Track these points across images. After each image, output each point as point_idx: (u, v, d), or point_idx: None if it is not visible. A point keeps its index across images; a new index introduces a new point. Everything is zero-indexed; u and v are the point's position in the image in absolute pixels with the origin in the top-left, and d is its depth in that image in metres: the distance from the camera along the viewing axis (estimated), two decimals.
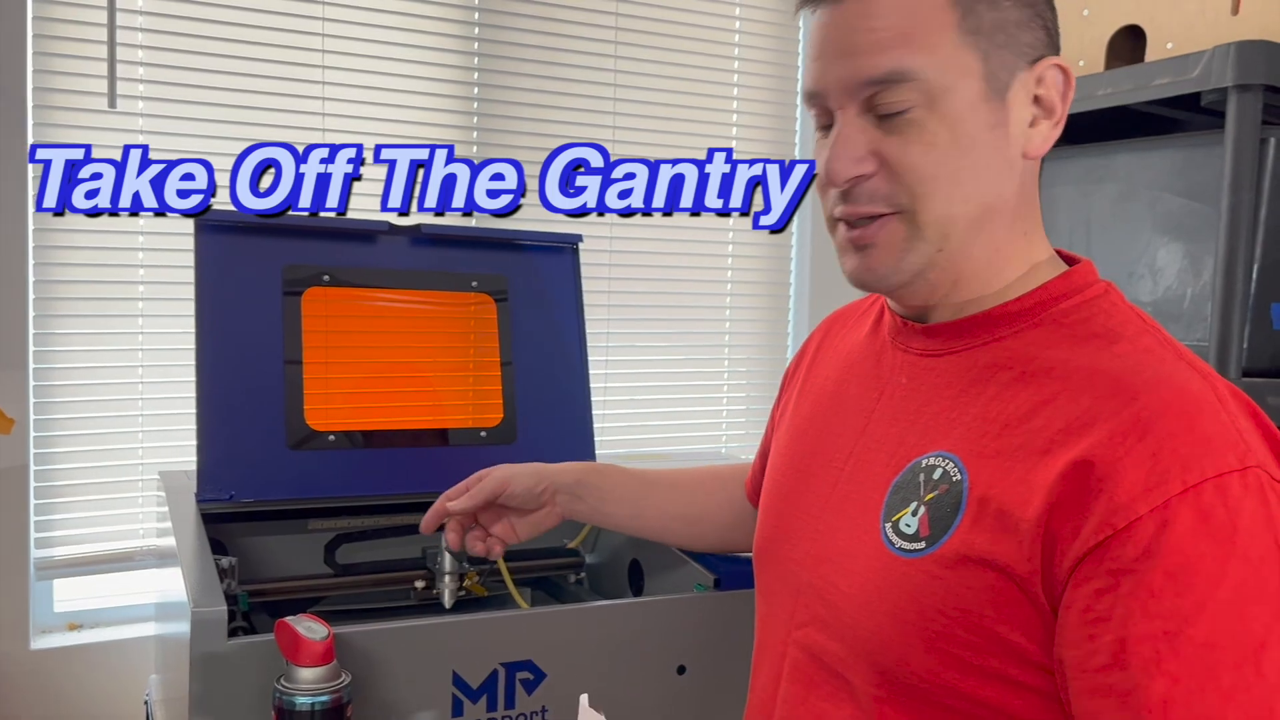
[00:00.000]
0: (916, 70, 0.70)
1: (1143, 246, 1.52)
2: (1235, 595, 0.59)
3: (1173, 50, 1.48)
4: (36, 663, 1.73)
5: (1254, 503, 0.60)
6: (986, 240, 0.74)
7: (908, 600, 0.69)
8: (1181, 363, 0.67)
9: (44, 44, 1.71)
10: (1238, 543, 0.59)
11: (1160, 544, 0.60)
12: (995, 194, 0.73)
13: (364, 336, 1.44)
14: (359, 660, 0.98)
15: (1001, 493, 0.66)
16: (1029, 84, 0.73)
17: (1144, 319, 0.72)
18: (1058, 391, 0.68)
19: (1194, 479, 0.60)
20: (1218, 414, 0.63)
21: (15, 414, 1.69)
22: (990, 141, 0.72)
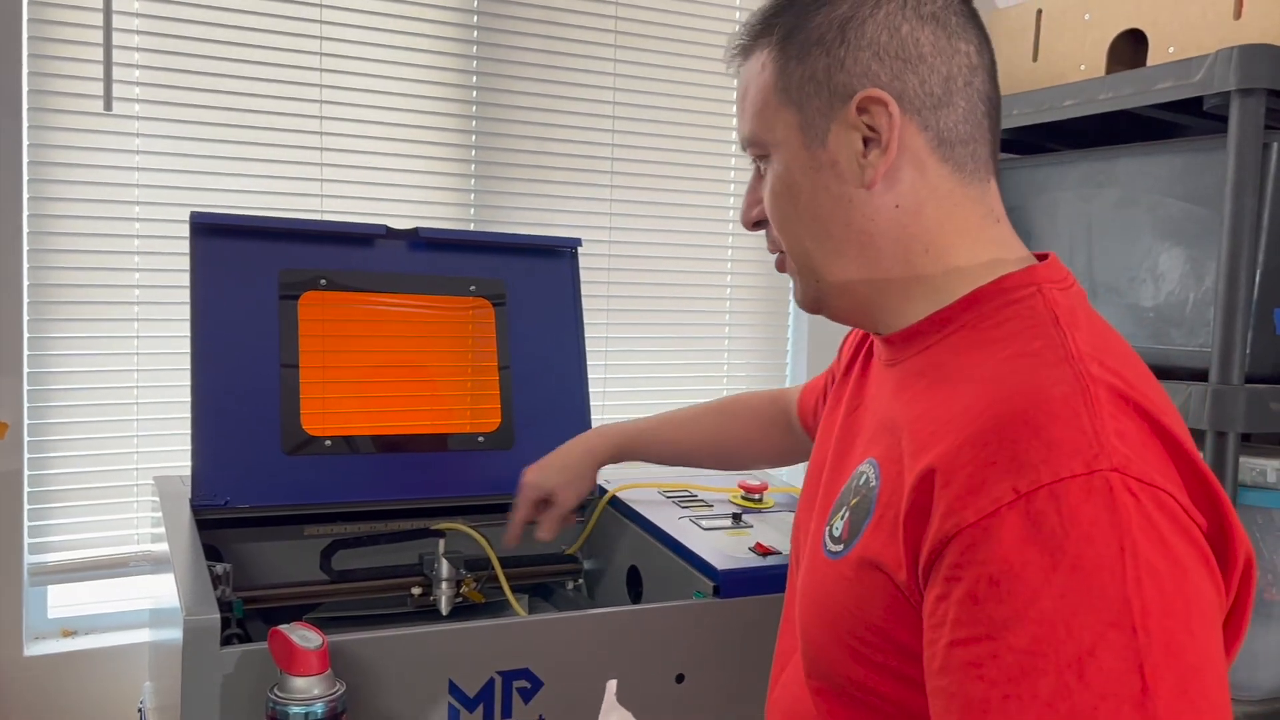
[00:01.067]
0: (755, 134, 0.82)
1: (1144, 252, 1.51)
2: (1060, 603, 0.58)
3: (1174, 54, 1.47)
4: (30, 669, 1.72)
5: (1095, 509, 0.59)
6: (869, 265, 0.79)
7: (827, 599, 0.75)
8: (1064, 367, 0.66)
9: (39, 46, 1.70)
10: (1068, 550, 0.59)
11: (986, 551, 0.60)
12: (841, 228, 0.78)
13: (361, 341, 1.43)
14: (354, 668, 0.97)
15: (894, 498, 0.69)
16: (851, 121, 0.76)
17: (1057, 321, 0.71)
18: (946, 398, 0.71)
19: (1026, 486, 0.60)
20: (1075, 418, 0.62)
21: (9, 418, 1.68)
22: (818, 182, 0.78)
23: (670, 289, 2.27)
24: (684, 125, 2.25)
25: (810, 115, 0.77)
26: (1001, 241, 0.79)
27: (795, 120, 0.78)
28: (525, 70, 2.08)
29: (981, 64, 0.77)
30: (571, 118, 2.13)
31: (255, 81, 1.85)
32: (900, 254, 0.78)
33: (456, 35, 2.02)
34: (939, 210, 0.77)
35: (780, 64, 0.79)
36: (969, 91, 0.76)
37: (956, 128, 0.76)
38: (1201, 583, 0.61)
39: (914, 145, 0.76)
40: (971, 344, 0.74)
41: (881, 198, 0.77)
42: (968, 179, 0.77)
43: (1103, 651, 0.57)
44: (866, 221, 0.77)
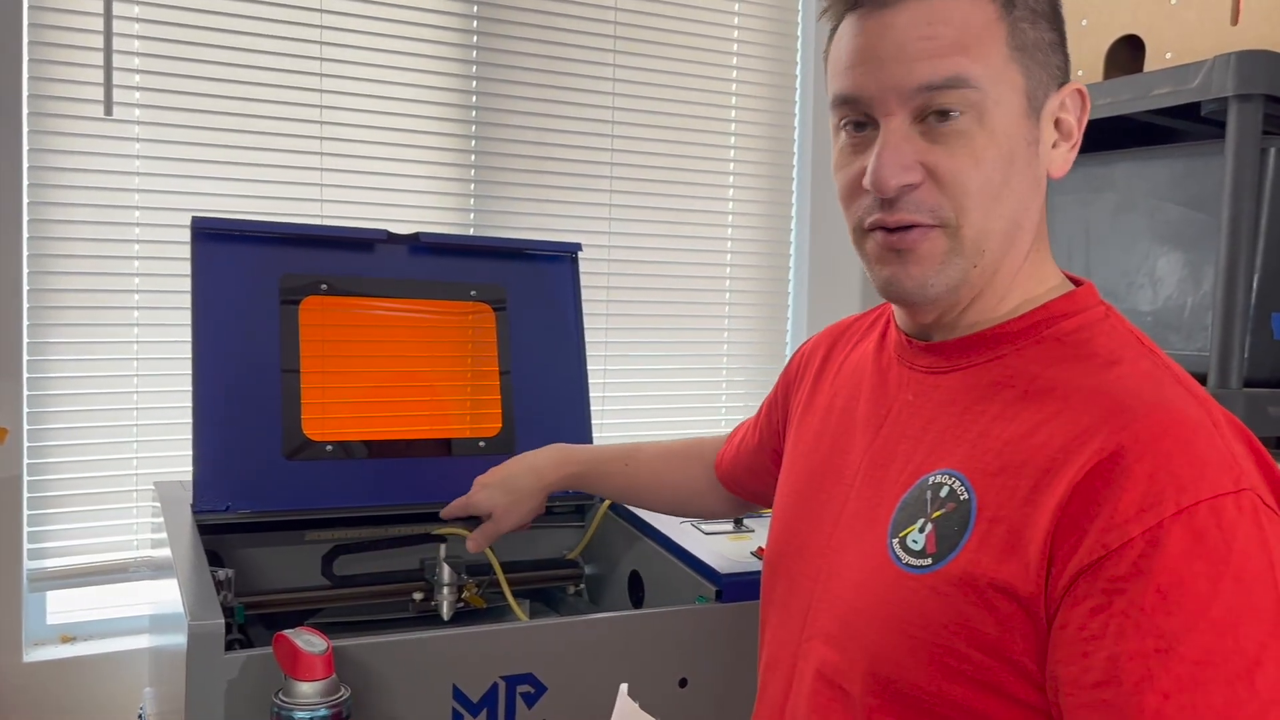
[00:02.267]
0: (974, 78, 0.70)
1: (1142, 256, 1.52)
2: (1228, 614, 0.60)
3: (1172, 60, 1.48)
4: (29, 675, 1.72)
5: (1248, 525, 0.61)
6: (1013, 258, 0.76)
7: (914, 614, 0.71)
8: (1179, 387, 0.69)
9: (40, 51, 1.70)
10: (1231, 563, 0.60)
11: (1153, 563, 0.61)
12: (1025, 212, 0.75)
13: (362, 346, 1.43)
14: (358, 673, 0.97)
15: (1011, 513, 0.68)
16: (1055, 106, 0.75)
17: (1143, 342, 0.73)
18: (1059, 410, 0.69)
19: (1188, 500, 0.62)
20: (1213, 438, 0.65)
21: (9, 424, 1.68)
22: (1026, 158, 0.73)
23: (669, 293, 2.27)
24: (683, 130, 2.25)
25: (1034, 85, 0.73)
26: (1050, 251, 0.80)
27: (1022, 84, 0.72)
28: (525, 76, 2.08)
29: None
30: (571, 123, 2.13)
31: (256, 86, 1.85)
32: (1032, 253, 0.78)
33: (456, 40, 2.02)
34: (1042, 216, 0.79)
35: (1010, 20, 0.72)
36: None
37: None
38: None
39: None
40: (1062, 359, 0.73)
41: (1045, 191, 0.77)
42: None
43: (1268, 661, 0.59)
44: (1035, 212, 0.77)
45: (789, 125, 2.39)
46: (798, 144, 2.40)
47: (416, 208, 2.00)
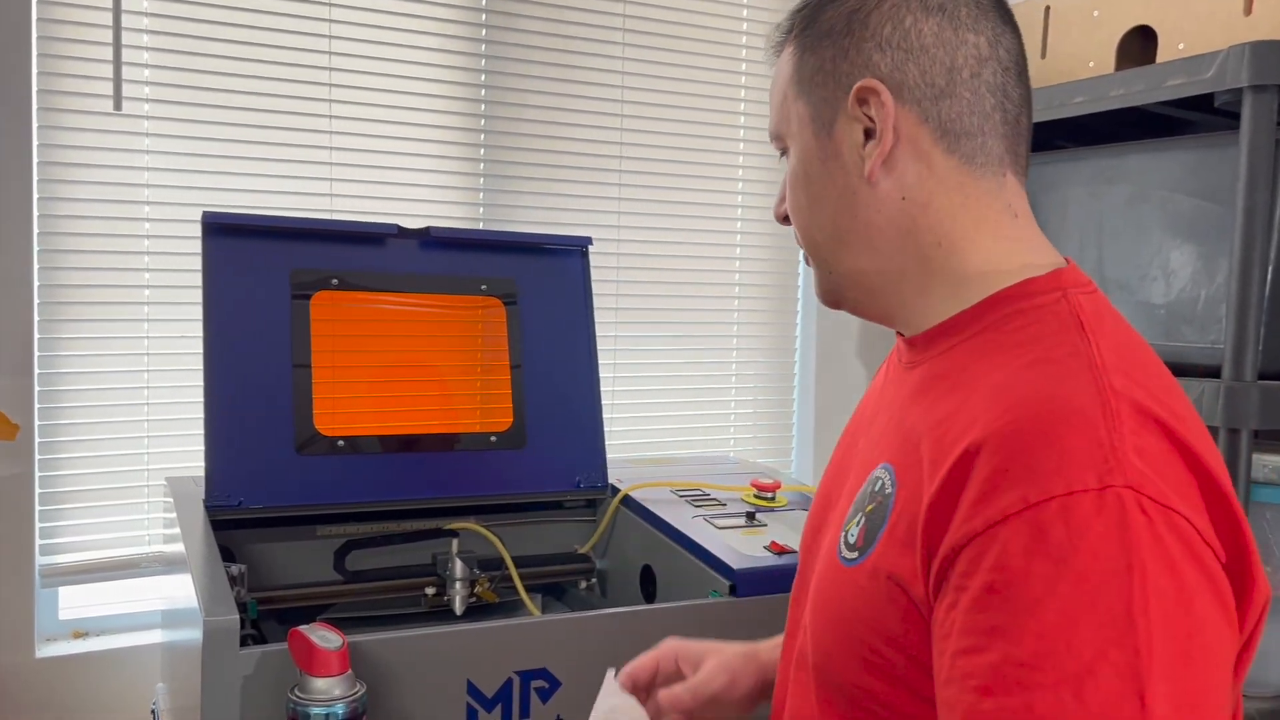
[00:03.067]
0: (778, 127, 0.82)
1: (1155, 249, 1.51)
2: (1062, 617, 0.57)
3: (1184, 51, 1.47)
4: (42, 671, 1.72)
5: (1105, 525, 0.58)
6: (879, 258, 0.78)
7: (843, 607, 0.73)
8: (1085, 376, 0.65)
9: (49, 45, 1.70)
10: (1074, 564, 0.57)
11: (992, 561, 0.59)
12: (848, 219, 0.78)
13: (373, 340, 1.43)
14: (372, 669, 0.97)
15: (910, 507, 0.68)
16: (852, 111, 0.76)
17: (1084, 328, 0.69)
18: (963, 402, 0.69)
19: (1037, 496, 0.59)
20: (1092, 431, 0.61)
21: (20, 420, 1.68)
22: (825, 174, 0.78)
23: (679, 287, 2.27)
24: (693, 124, 2.24)
25: (818, 106, 0.78)
26: (1025, 240, 0.77)
27: (807, 112, 0.79)
28: (534, 69, 2.08)
29: (993, 55, 0.75)
30: (581, 116, 2.13)
31: (265, 81, 1.85)
32: (911, 247, 0.77)
33: (466, 34, 2.01)
34: (949, 202, 0.75)
35: (797, 57, 0.80)
36: (975, 83, 0.75)
37: (961, 119, 0.75)
38: (1209, 612, 0.59)
39: (916, 136, 0.75)
40: (994, 348, 0.72)
41: (886, 189, 0.76)
42: (979, 172, 0.76)
43: (1103, 670, 0.55)
44: (872, 213, 0.77)
45: None
46: None
47: (427, 202, 1.99)
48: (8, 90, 1.64)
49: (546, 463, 1.47)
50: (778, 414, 2.42)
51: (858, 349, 2.40)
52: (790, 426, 2.44)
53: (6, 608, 1.69)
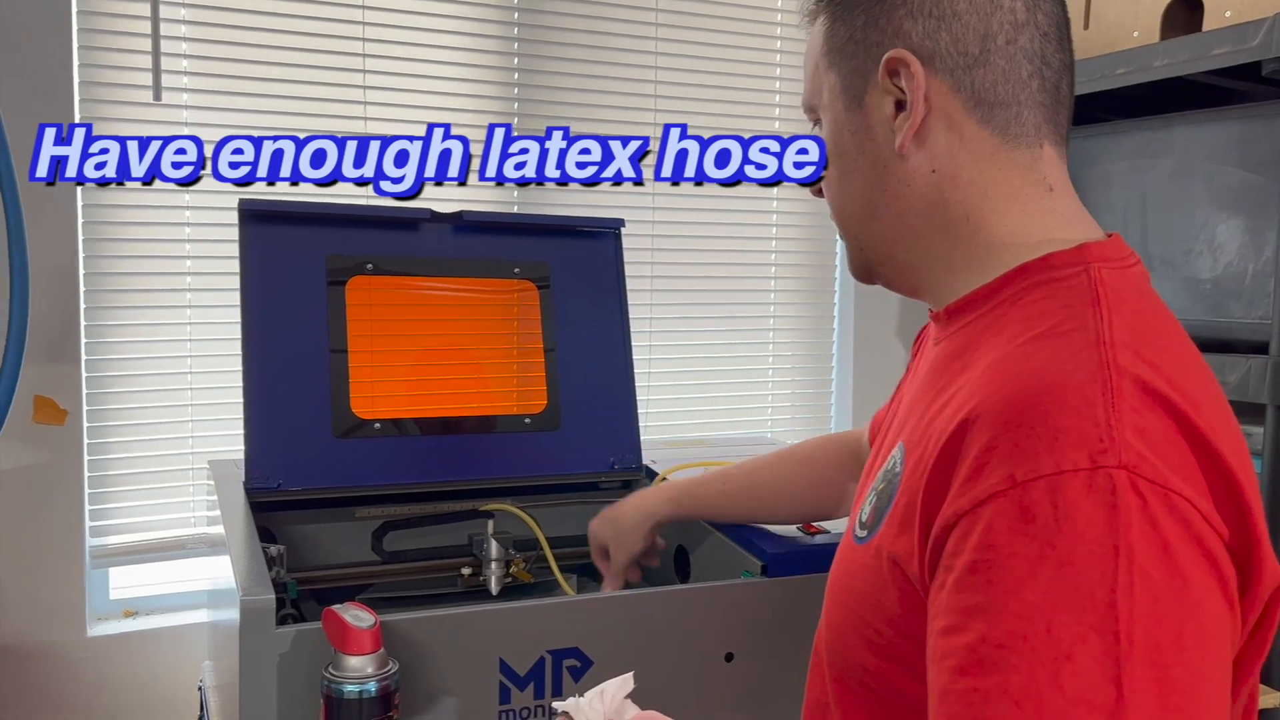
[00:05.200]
0: (810, 98, 0.82)
1: (1201, 223, 1.48)
2: (1043, 599, 0.55)
3: (1231, 19, 1.43)
4: (93, 649, 1.76)
5: (1093, 506, 0.56)
6: (909, 232, 0.77)
7: (851, 584, 0.73)
8: (1089, 352, 0.62)
9: (89, 38, 1.73)
10: (1058, 545, 0.55)
11: (976, 540, 0.58)
12: (878, 192, 0.77)
13: (408, 325, 1.44)
14: (406, 648, 0.98)
15: (911, 486, 0.66)
16: (882, 82, 0.74)
17: (1097, 302, 0.66)
18: (968, 380, 0.67)
19: (1024, 475, 0.57)
20: (1089, 408, 0.58)
21: (69, 406, 1.72)
22: (856, 146, 0.77)
23: (714, 268, 2.26)
24: (727, 102, 2.23)
25: (849, 77, 0.76)
26: (1057, 213, 0.74)
27: (838, 83, 0.77)
28: (566, 51, 2.07)
29: (1031, 20, 0.72)
30: (613, 97, 2.12)
31: (300, 69, 1.87)
32: (939, 221, 0.75)
33: (498, 32, 2.02)
34: (980, 175, 0.73)
35: (828, 26, 0.78)
36: (1011, 50, 0.72)
37: (995, 88, 0.72)
38: (1207, 597, 0.57)
39: (948, 106, 0.72)
40: (1006, 322, 0.69)
41: (915, 161, 0.74)
42: (1013, 143, 0.73)
43: (1081, 655, 0.54)
44: (902, 186, 0.75)
45: None
46: None
47: (459, 186, 2.00)
48: (50, 84, 1.67)
49: (581, 445, 1.47)
50: (816, 394, 2.41)
51: (897, 327, 2.38)
52: (829, 407, 2.42)
53: (59, 588, 1.74)
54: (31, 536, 1.71)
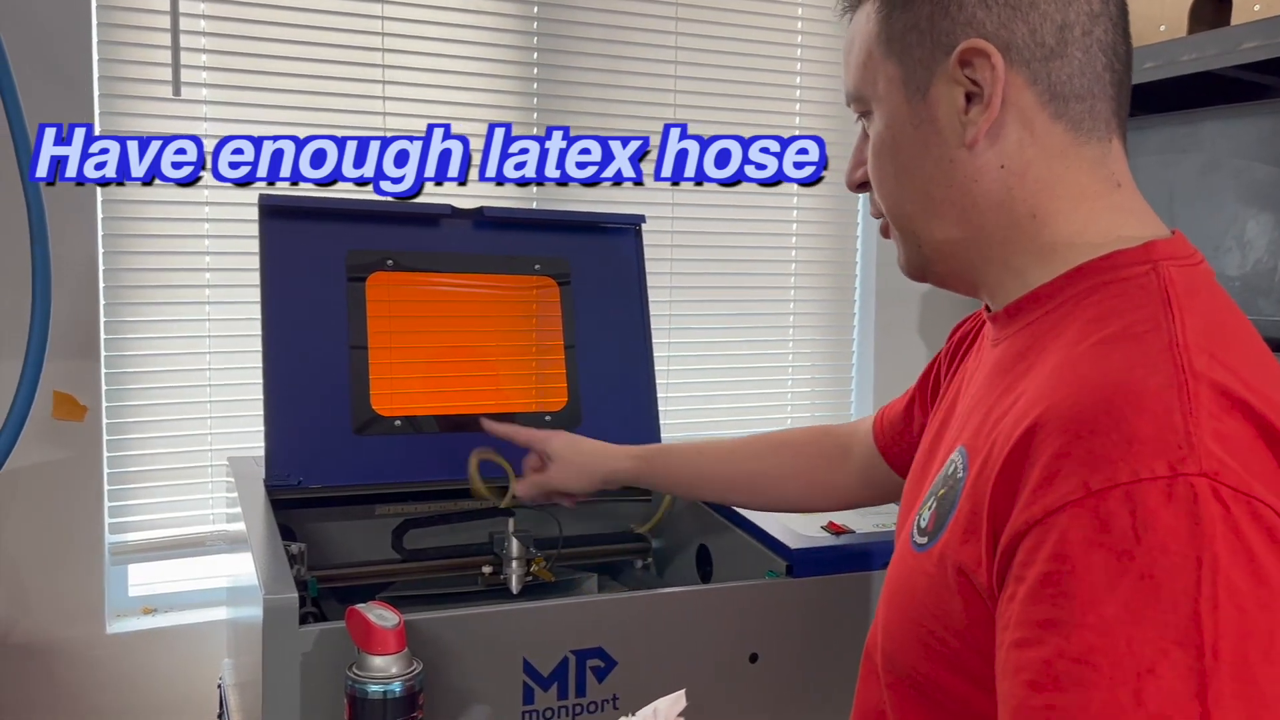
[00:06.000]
0: (860, 88, 0.77)
1: (1230, 218, 1.46)
2: (1125, 612, 0.53)
3: (1260, 13, 1.41)
4: (112, 646, 1.77)
5: (1174, 516, 0.53)
6: (972, 230, 0.73)
7: (910, 592, 0.70)
8: (1164, 355, 0.60)
9: (109, 33, 1.73)
10: (1138, 557, 0.53)
11: (1050, 550, 0.56)
12: (943, 188, 0.73)
13: (428, 321, 1.43)
14: (429, 647, 0.97)
15: (976, 492, 0.64)
16: (953, 74, 0.70)
17: (1168, 303, 0.64)
18: (1032, 383, 0.65)
19: (1100, 483, 0.55)
20: (1167, 414, 0.56)
21: (89, 402, 1.72)
22: (918, 140, 0.73)
23: (734, 264, 2.25)
24: (747, 98, 2.22)
25: (912, 67, 0.72)
26: (1124, 210, 0.71)
27: (897, 73, 0.73)
28: (586, 46, 2.06)
29: (1105, 11, 0.70)
30: (633, 92, 2.11)
31: (319, 64, 1.86)
32: (1005, 219, 0.72)
33: (518, 27, 2.01)
34: (1049, 172, 0.70)
35: (884, 13, 0.74)
36: (1087, 41, 0.69)
37: (1071, 81, 0.69)
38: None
39: (1021, 100, 0.69)
40: (1072, 322, 0.67)
41: (985, 157, 0.71)
42: (1084, 138, 0.70)
43: (1164, 670, 0.52)
44: (969, 182, 0.72)
45: None
46: None
47: (479, 181, 1.99)
48: (71, 79, 1.67)
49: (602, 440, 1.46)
50: (835, 392, 2.40)
51: (918, 324, 2.36)
52: (849, 405, 2.41)
53: (78, 584, 1.74)
54: (51, 533, 1.71)
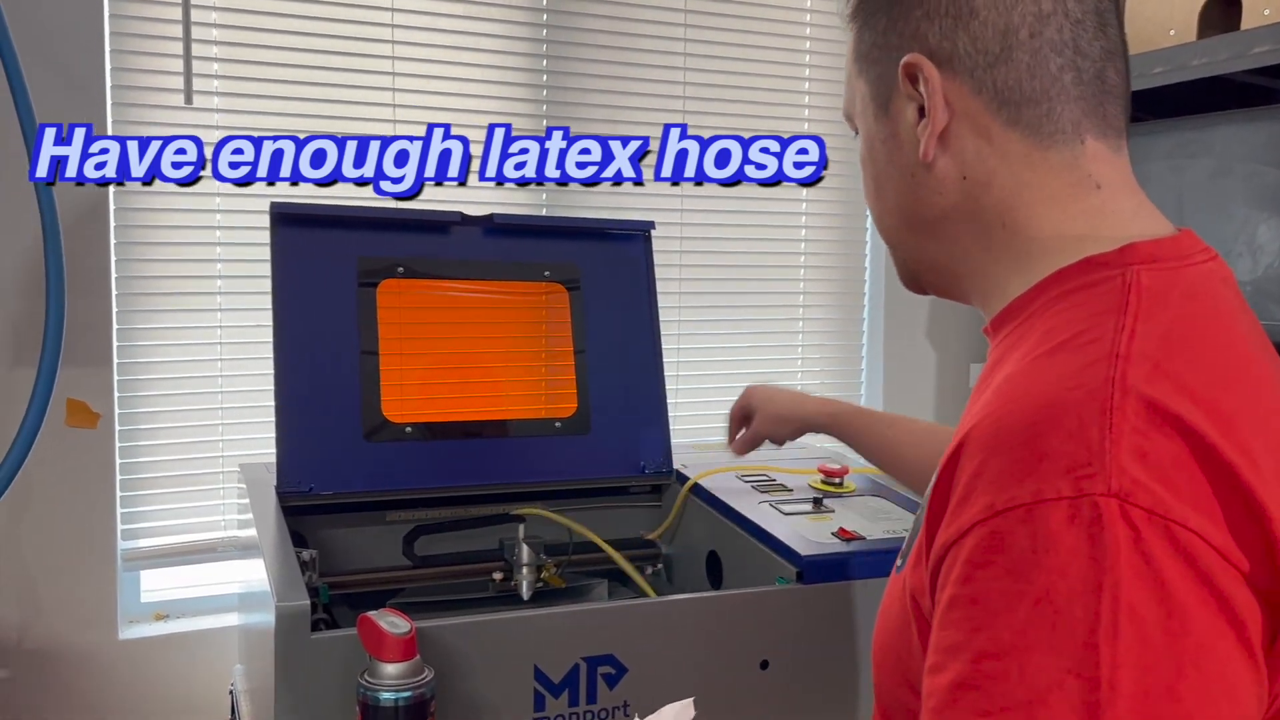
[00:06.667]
0: (846, 106, 0.79)
1: (1240, 223, 1.45)
2: (1018, 638, 0.51)
3: (1270, 17, 1.41)
4: (125, 652, 1.77)
5: (1075, 538, 0.51)
6: (947, 243, 0.73)
7: (885, 615, 0.70)
8: (1097, 367, 0.56)
9: (121, 42, 1.74)
10: (1037, 581, 0.51)
11: (956, 573, 0.55)
12: (911, 202, 0.73)
13: (438, 328, 1.44)
14: (440, 654, 0.97)
15: (927, 513, 0.63)
16: (904, 88, 0.70)
17: (1125, 309, 0.60)
18: (981, 400, 0.63)
19: (1004, 503, 0.53)
20: (1081, 430, 0.53)
21: (102, 409, 1.73)
22: (886, 155, 0.74)
23: (743, 270, 2.25)
24: (755, 104, 2.22)
25: (876, 84, 0.73)
26: (1105, 212, 0.68)
27: (867, 90, 0.74)
28: (595, 52, 2.07)
29: (1058, 9, 0.67)
30: (642, 99, 2.12)
31: (329, 71, 1.87)
32: (977, 230, 0.71)
33: (526, 34, 2.01)
34: (1013, 179, 0.68)
35: (857, 32, 0.75)
36: (1035, 44, 0.66)
37: (1020, 86, 0.67)
38: (1214, 642, 0.51)
39: (971, 109, 0.68)
40: (1030, 334, 0.65)
41: (944, 170, 0.70)
42: (1046, 142, 0.68)
43: (1056, 700, 0.50)
44: (934, 195, 0.71)
45: None
46: None
47: (490, 189, 2.00)
48: (84, 87, 1.68)
49: (611, 448, 1.46)
50: (845, 398, 2.39)
51: (927, 331, 2.36)
52: None
53: (91, 590, 1.74)
54: (64, 539, 1.72)
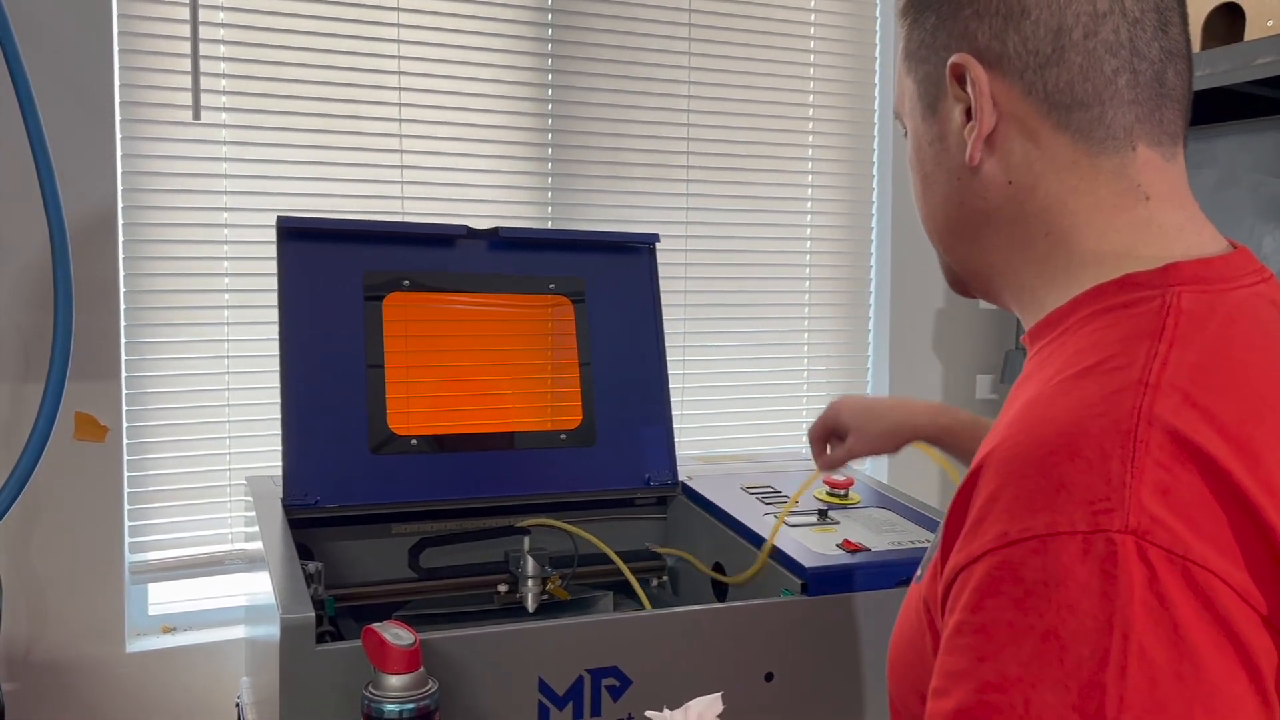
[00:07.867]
0: (896, 104, 0.77)
1: (1246, 234, 1.45)
2: (1024, 671, 0.50)
3: (1274, 28, 1.41)
4: (132, 665, 1.78)
5: (1088, 574, 0.50)
6: (990, 249, 0.71)
7: (902, 623, 0.70)
8: (1126, 394, 0.55)
9: (130, 59, 1.75)
10: (1046, 615, 0.50)
11: (965, 600, 0.54)
12: (955, 205, 0.71)
13: (444, 341, 1.44)
14: (445, 666, 0.97)
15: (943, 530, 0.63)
16: (951, 89, 0.69)
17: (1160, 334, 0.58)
18: (1004, 420, 0.62)
19: (1019, 533, 0.52)
20: (1102, 462, 0.52)
21: (109, 423, 1.74)
22: (933, 156, 0.72)
23: (749, 283, 2.25)
24: (760, 117, 2.23)
25: (924, 84, 0.71)
26: (1152, 225, 0.65)
27: (915, 90, 0.72)
28: (600, 67, 2.08)
29: (1115, 9, 0.64)
30: (647, 113, 2.13)
31: (336, 87, 1.89)
32: (1020, 237, 0.68)
33: (531, 34, 2.03)
34: (1061, 185, 0.66)
35: (906, 30, 0.73)
36: (1089, 44, 0.64)
37: (1072, 88, 0.65)
38: (1227, 685, 0.49)
39: (1020, 112, 0.66)
40: (1060, 353, 0.63)
41: (990, 173, 0.68)
42: (1096, 148, 0.65)
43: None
44: (979, 200, 0.69)
45: (869, 111, 2.35)
46: (878, 131, 2.36)
47: (495, 202, 2.01)
48: (93, 103, 1.69)
49: (616, 460, 1.47)
50: None
51: (933, 344, 2.36)
52: None
53: (98, 603, 1.75)
54: (72, 552, 1.73)
